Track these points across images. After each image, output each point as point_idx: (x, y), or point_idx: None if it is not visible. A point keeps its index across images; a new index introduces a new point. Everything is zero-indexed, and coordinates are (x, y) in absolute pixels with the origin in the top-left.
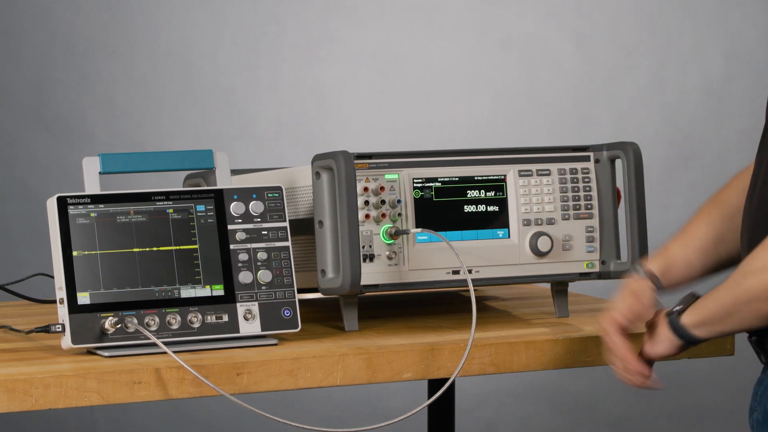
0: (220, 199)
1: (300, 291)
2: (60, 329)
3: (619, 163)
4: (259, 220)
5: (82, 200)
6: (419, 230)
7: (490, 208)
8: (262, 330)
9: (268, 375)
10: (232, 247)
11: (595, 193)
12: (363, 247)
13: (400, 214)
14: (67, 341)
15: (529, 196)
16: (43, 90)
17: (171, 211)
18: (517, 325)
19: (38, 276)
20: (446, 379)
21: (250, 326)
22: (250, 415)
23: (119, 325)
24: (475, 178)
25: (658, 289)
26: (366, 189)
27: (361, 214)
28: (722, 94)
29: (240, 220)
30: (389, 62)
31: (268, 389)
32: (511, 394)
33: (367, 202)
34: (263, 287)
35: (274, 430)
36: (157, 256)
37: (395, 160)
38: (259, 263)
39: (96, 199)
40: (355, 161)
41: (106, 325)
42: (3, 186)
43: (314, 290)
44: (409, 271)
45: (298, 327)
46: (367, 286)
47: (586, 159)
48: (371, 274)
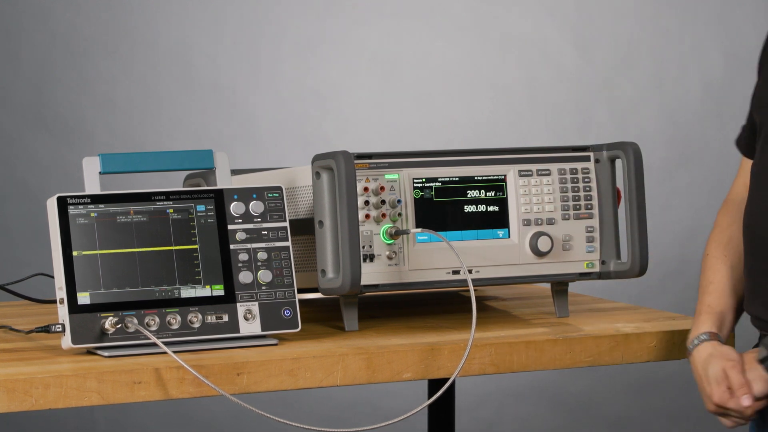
0: (220, 199)
1: (300, 291)
2: (60, 329)
3: (619, 163)
4: (259, 220)
5: (82, 200)
6: (419, 230)
7: (490, 208)
8: (262, 330)
9: (268, 375)
10: (232, 247)
11: (595, 193)
12: (363, 247)
13: (400, 214)
14: (67, 341)
15: (529, 196)
16: (43, 90)
17: (171, 211)
18: (517, 325)
19: (38, 276)
20: (446, 379)
21: (250, 326)
22: (250, 415)
23: (119, 325)
24: (475, 178)
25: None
26: (366, 189)
27: (361, 214)
28: (722, 94)
29: (240, 220)
30: (389, 62)
31: (268, 389)
32: (511, 394)
33: (367, 202)
34: (263, 287)
35: (274, 430)
36: (157, 256)
37: (395, 160)
38: (259, 263)
39: (96, 199)
40: (355, 161)
41: (106, 325)
42: (3, 186)
43: (314, 290)
44: (409, 271)
45: (298, 327)
46: (367, 286)
47: (586, 159)
48: (371, 274)
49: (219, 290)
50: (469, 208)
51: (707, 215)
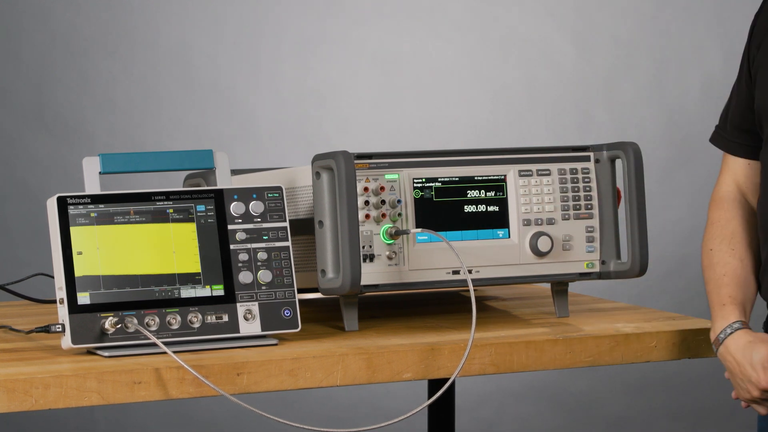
0: (220, 199)
1: (300, 291)
2: (60, 329)
3: (619, 163)
4: (259, 220)
5: (82, 200)
6: (419, 230)
7: (490, 208)
8: (262, 330)
9: (268, 375)
10: (232, 247)
11: (595, 193)
12: (363, 247)
13: (400, 214)
14: (67, 341)
15: (529, 196)
16: (43, 90)
17: (171, 211)
18: (517, 325)
19: (38, 276)
20: (446, 379)
21: (250, 326)
22: (250, 415)
23: (119, 325)
24: (475, 178)
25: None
26: (366, 189)
27: (361, 214)
28: (722, 94)
29: (240, 220)
30: (389, 62)
31: (268, 389)
32: (511, 394)
33: (367, 202)
34: (263, 287)
35: (274, 430)
36: (157, 256)
37: (395, 160)
38: (259, 263)
39: (96, 199)
40: (355, 161)
41: (106, 325)
42: (3, 186)
43: (314, 290)
44: (409, 271)
45: (298, 327)
46: (367, 286)
47: (586, 159)
48: (371, 274)
49: (219, 290)
50: (469, 208)
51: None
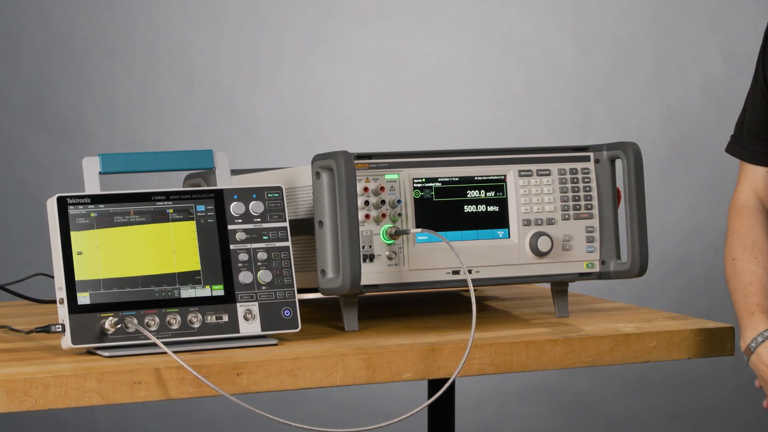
0: (220, 199)
1: (300, 291)
2: (60, 329)
3: (619, 163)
4: (259, 220)
5: (82, 200)
6: (419, 230)
7: (490, 208)
8: (262, 330)
9: (268, 375)
10: (232, 247)
11: (595, 193)
12: (363, 247)
13: (400, 214)
14: (67, 341)
15: (529, 196)
16: (43, 90)
17: (171, 211)
18: (517, 325)
19: (38, 276)
20: (446, 379)
21: (250, 326)
22: (250, 415)
23: (119, 325)
24: (475, 178)
25: None
26: (366, 189)
27: (361, 214)
28: (722, 94)
29: (240, 220)
30: (389, 62)
31: (268, 389)
32: (511, 394)
33: (367, 202)
34: (263, 287)
35: (274, 430)
36: (157, 256)
37: (395, 160)
38: (259, 263)
39: (96, 199)
40: (355, 161)
41: (106, 325)
42: (3, 186)
43: (314, 290)
44: (409, 271)
45: (298, 327)
46: (367, 286)
47: (586, 159)
48: (371, 274)
49: (219, 290)
50: (469, 208)
51: (707, 215)
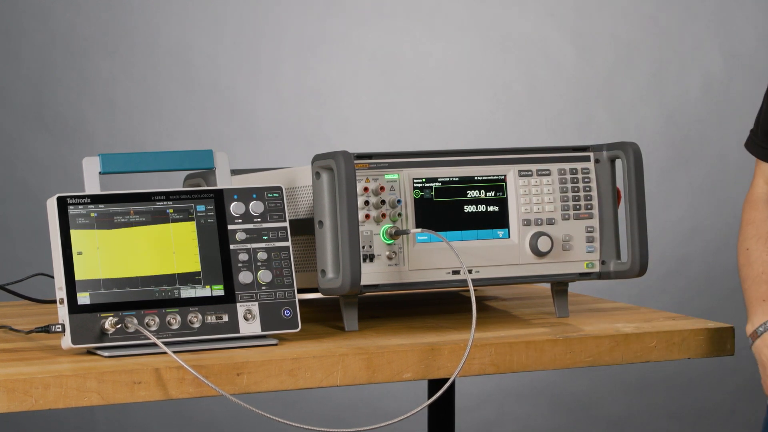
0: (220, 199)
1: (300, 291)
2: (60, 329)
3: (619, 163)
4: (259, 220)
5: (82, 200)
6: (419, 230)
7: (490, 208)
8: (262, 330)
9: (268, 375)
10: (232, 247)
11: (595, 193)
12: (363, 247)
13: (400, 214)
14: (67, 341)
15: (529, 196)
16: (43, 90)
17: (171, 211)
18: (517, 325)
19: (38, 276)
20: (446, 379)
21: (250, 326)
22: (250, 415)
23: (119, 325)
24: (475, 178)
25: None
26: (366, 189)
27: (361, 214)
28: (722, 94)
29: (240, 220)
30: (389, 62)
31: (268, 389)
32: (511, 394)
33: (367, 202)
34: (263, 287)
35: (274, 430)
36: (157, 256)
37: (395, 160)
38: (259, 263)
39: (96, 199)
40: (355, 161)
41: (106, 325)
42: (3, 186)
43: (314, 290)
44: (409, 271)
45: (298, 327)
46: (367, 286)
47: (586, 159)
48: (371, 274)
49: (219, 290)
50: (469, 208)
51: (707, 215)
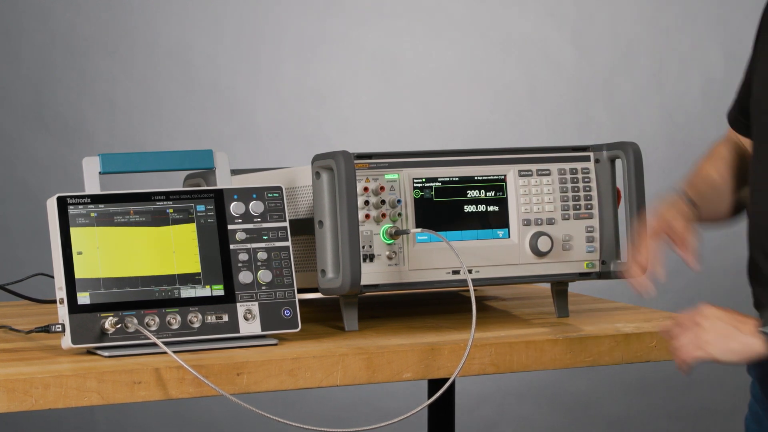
0: (220, 199)
1: (300, 291)
2: (60, 329)
3: (619, 163)
4: (259, 220)
5: (82, 200)
6: (419, 230)
7: (490, 208)
8: (262, 330)
9: (268, 375)
10: (232, 247)
11: (595, 193)
12: (363, 247)
13: (400, 214)
14: (67, 341)
15: (529, 196)
16: (43, 90)
17: (171, 211)
18: (517, 325)
19: (38, 276)
20: (446, 379)
21: (250, 326)
22: (250, 415)
23: (119, 325)
24: (475, 178)
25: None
26: (366, 189)
27: (361, 214)
28: (722, 94)
29: (240, 220)
30: (389, 62)
31: (268, 389)
32: (511, 394)
33: (367, 202)
34: (263, 287)
35: (274, 430)
36: (157, 256)
37: (395, 160)
38: (259, 263)
39: (96, 199)
40: (355, 161)
41: (106, 325)
42: (3, 186)
43: (314, 290)
44: (409, 271)
45: (298, 327)
46: (367, 286)
47: (586, 159)
48: (371, 274)
49: (219, 290)
50: (469, 208)
51: None
